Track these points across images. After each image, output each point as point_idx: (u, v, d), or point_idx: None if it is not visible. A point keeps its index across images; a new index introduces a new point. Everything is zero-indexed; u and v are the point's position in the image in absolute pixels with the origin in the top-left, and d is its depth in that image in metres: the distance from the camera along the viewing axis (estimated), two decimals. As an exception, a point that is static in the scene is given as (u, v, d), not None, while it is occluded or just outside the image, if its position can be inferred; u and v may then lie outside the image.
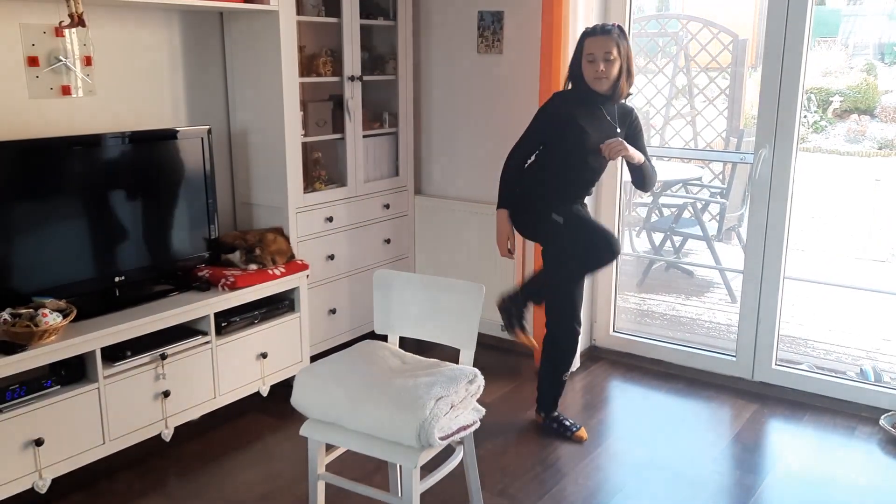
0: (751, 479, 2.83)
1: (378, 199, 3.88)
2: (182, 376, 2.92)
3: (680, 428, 3.23)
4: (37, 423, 2.51)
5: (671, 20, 7.94)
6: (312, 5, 3.47)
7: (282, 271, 3.24)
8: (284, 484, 2.78)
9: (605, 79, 2.80)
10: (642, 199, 6.31)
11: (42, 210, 2.68)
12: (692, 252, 5.92)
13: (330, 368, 2.35)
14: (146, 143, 3.00)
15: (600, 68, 2.78)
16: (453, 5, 3.87)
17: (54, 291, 2.68)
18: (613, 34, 2.79)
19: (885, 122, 9.68)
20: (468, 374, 2.28)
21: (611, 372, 3.79)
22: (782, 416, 3.32)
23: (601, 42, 2.77)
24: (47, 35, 2.79)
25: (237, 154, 3.54)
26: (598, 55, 2.78)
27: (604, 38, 2.77)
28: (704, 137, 7.09)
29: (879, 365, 3.98)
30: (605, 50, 2.76)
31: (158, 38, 3.20)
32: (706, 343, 4.15)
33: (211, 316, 3.00)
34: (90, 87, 2.96)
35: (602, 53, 2.77)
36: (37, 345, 2.47)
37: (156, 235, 3.07)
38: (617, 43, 2.78)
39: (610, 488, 2.78)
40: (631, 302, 5.05)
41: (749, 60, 7.19)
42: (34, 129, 2.79)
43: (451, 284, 2.46)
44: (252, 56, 3.35)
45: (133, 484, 2.77)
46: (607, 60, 2.77)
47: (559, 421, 3.11)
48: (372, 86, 3.83)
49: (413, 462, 2.12)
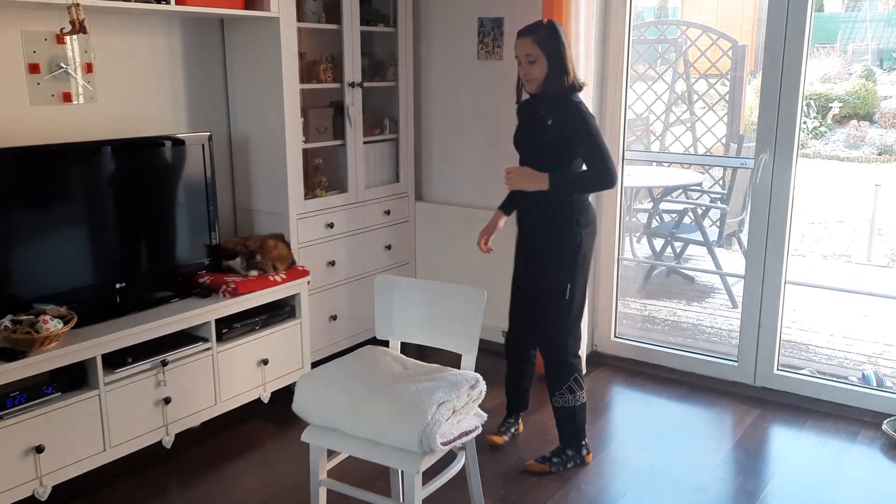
0: (753, 485, 2.82)
1: (379, 205, 3.88)
2: (183, 383, 2.92)
3: (682, 433, 3.22)
4: (37, 430, 2.50)
5: (670, 26, 7.97)
6: (313, 12, 3.48)
7: (283, 277, 3.24)
8: (286, 490, 2.77)
9: (530, 80, 2.75)
10: (643, 205, 6.32)
11: (43, 217, 2.68)
12: (693, 258, 5.91)
13: (331, 374, 2.34)
14: (147, 150, 3.00)
15: (524, 70, 2.75)
16: (453, 12, 3.88)
17: (55, 298, 2.68)
18: (533, 35, 2.71)
19: (885, 127, 9.69)
20: (470, 380, 2.27)
21: (612, 378, 3.78)
22: (784, 422, 3.31)
23: (520, 44, 2.73)
24: (48, 42, 2.80)
25: (238, 160, 3.54)
26: (520, 57, 2.74)
27: (522, 41, 2.72)
28: (704, 143, 7.11)
29: (882, 370, 3.97)
30: (524, 52, 2.72)
31: (159, 44, 3.20)
32: (708, 348, 4.14)
33: (212, 322, 2.99)
34: (91, 93, 2.97)
35: (523, 56, 2.73)
36: (38, 351, 2.47)
37: (157, 242, 3.07)
38: (538, 42, 2.69)
39: (612, 494, 2.77)
40: (632, 308, 5.04)
41: (749, 66, 7.20)
42: (35, 136, 2.79)
43: (453, 290, 2.46)
44: (253, 62, 3.36)
45: (134, 491, 2.77)
46: (529, 62, 2.71)
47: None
48: (372, 92, 3.84)
49: (415, 468, 2.11)
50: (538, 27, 2.73)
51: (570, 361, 2.86)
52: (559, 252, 2.81)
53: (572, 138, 2.71)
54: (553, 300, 2.83)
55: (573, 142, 2.71)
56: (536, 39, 2.69)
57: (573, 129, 2.70)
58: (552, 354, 2.87)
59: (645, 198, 6.33)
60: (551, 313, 2.85)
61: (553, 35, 2.71)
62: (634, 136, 7.05)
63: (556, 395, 2.87)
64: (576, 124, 2.70)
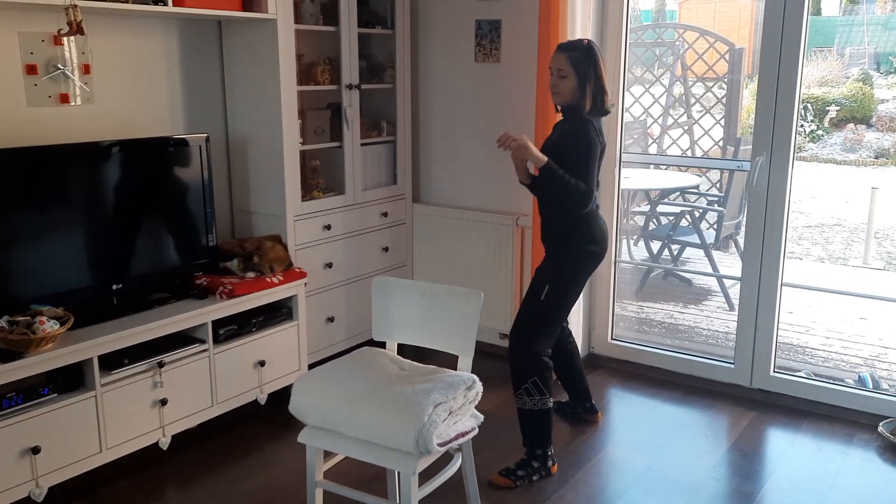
0: (750, 487, 2.83)
1: (376, 207, 3.89)
2: (180, 384, 2.92)
3: (679, 435, 3.23)
4: (34, 431, 2.50)
5: (668, 29, 7.98)
6: (311, 14, 3.48)
7: (280, 279, 3.24)
8: (282, 492, 2.77)
9: (557, 93, 2.84)
10: (640, 208, 6.33)
11: (40, 218, 2.68)
12: (690, 260, 5.92)
13: (328, 375, 2.35)
14: (144, 151, 3.01)
15: (553, 83, 2.84)
16: (451, 14, 3.89)
17: (52, 299, 2.68)
18: (568, 52, 2.80)
19: (882, 131, 9.72)
20: (466, 381, 2.28)
21: (609, 379, 3.78)
22: (781, 424, 3.32)
23: (555, 58, 2.83)
24: (46, 43, 2.80)
25: (235, 162, 3.54)
26: (553, 70, 2.84)
27: (557, 55, 2.83)
28: (702, 146, 7.12)
29: (878, 372, 3.99)
30: (557, 66, 2.82)
31: (157, 46, 3.21)
32: (704, 350, 4.14)
33: (209, 324, 2.99)
34: (88, 95, 2.97)
35: (555, 69, 2.83)
36: (34, 352, 2.47)
37: (154, 243, 3.07)
38: (571, 60, 2.78)
39: (609, 496, 2.78)
40: (629, 310, 5.05)
41: (746, 69, 7.22)
42: (32, 137, 2.79)
43: (450, 291, 2.46)
44: (250, 64, 3.37)
45: (131, 493, 2.76)
46: (560, 77, 2.81)
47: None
48: (370, 94, 3.85)
49: (411, 468, 2.12)
50: (576, 46, 2.83)
51: (525, 364, 2.83)
52: (553, 252, 2.89)
53: (566, 156, 2.75)
54: (529, 297, 2.89)
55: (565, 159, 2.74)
56: (571, 58, 2.79)
57: (569, 148, 2.78)
58: (511, 352, 2.88)
59: (642, 200, 6.33)
60: (523, 310, 2.90)
61: (588, 57, 2.79)
62: (632, 139, 7.06)
63: (516, 394, 2.87)
64: (573, 143, 2.78)
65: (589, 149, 2.75)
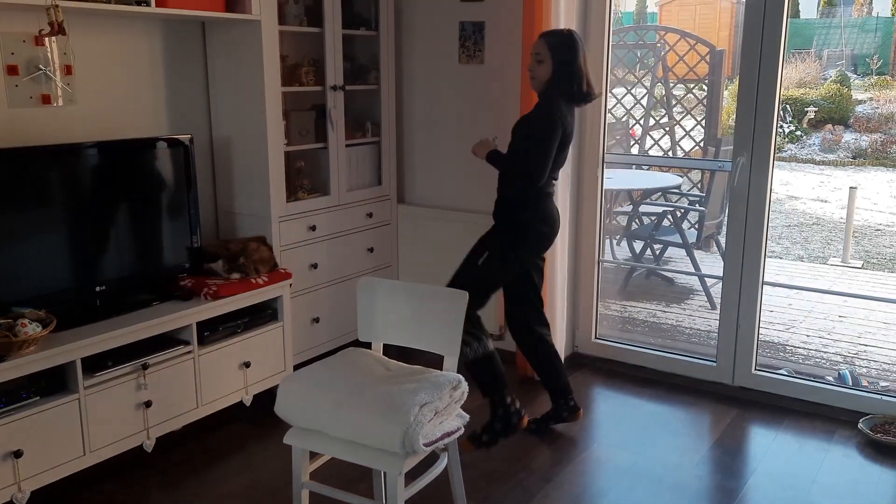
0: (732, 483, 2.86)
1: (361, 208, 3.89)
2: (164, 386, 2.90)
3: (662, 433, 3.26)
4: (16, 435, 2.47)
5: (649, 31, 8.05)
6: (295, 15, 3.48)
7: (264, 280, 3.24)
8: (268, 493, 2.76)
9: (533, 78, 2.93)
10: (623, 208, 6.37)
11: (22, 219, 2.66)
12: (672, 259, 5.98)
13: (314, 376, 2.34)
14: (127, 153, 2.99)
15: (530, 67, 2.94)
16: (435, 16, 3.90)
17: (34, 301, 2.65)
18: (548, 38, 2.90)
19: (859, 131, 9.85)
20: (452, 381, 2.28)
21: (593, 378, 3.81)
22: (762, 421, 3.36)
23: (535, 44, 2.93)
24: (27, 44, 2.78)
25: (219, 163, 3.53)
26: (532, 54, 2.93)
27: (538, 41, 2.92)
28: (683, 146, 7.18)
29: (857, 369, 4.04)
30: (535, 50, 2.91)
31: (140, 46, 3.19)
32: (687, 349, 4.18)
33: (193, 325, 2.98)
34: (70, 95, 2.95)
35: (533, 53, 2.92)
36: (16, 355, 2.45)
37: (137, 245, 3.05)
38: (549, 45, 2.87)
39: (594, 493, 2.80)
40: (612, 309, 5.09)
41: (726, 71, 7.30)
42: (13, 138, 2.77)
43: (435, 292, 2.47)
44: (234, 65, 3.36)
45: (115, 495, 2.75)
46: (537, 61, 2.90)
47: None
48: (354, 95, 3.85)
49: (397, 469, 2.12)
50: (557, 33, 2.94)
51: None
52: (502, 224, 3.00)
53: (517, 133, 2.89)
54: (466, 260, 3.00)
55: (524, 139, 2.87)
56: (549, 42, 2.87)
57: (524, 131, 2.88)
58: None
59: (625, 200, 6.38)
60: (458, 271, 2.99)
61: (567, 45, 2.87)
62: (614, 140, 7.11)
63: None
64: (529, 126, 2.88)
65: (535, 133, 2.84)
